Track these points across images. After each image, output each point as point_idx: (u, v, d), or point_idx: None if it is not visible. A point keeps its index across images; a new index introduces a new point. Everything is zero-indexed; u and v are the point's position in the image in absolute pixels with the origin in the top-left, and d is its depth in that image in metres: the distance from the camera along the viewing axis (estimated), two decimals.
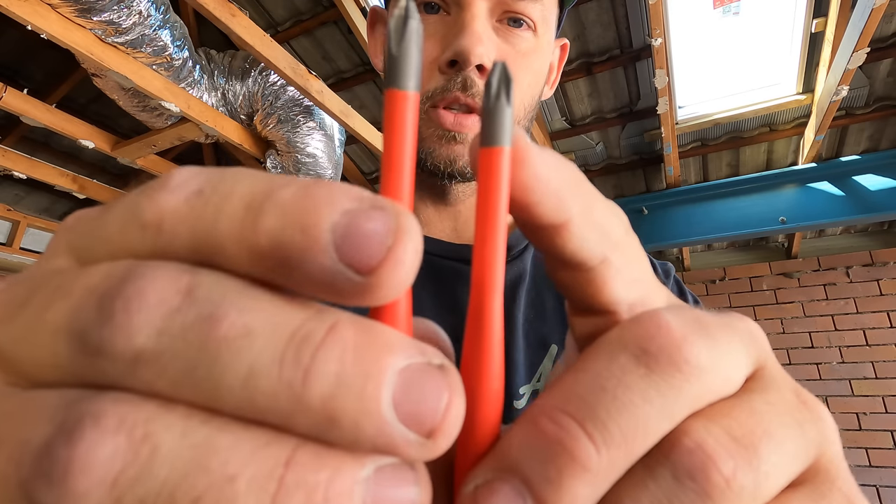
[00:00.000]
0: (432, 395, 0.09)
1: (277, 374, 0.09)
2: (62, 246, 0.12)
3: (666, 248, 2.92)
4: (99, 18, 1.51)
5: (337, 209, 0.09)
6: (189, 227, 0.10)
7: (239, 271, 0.10)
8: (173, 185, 0.10)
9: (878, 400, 2.91)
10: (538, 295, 0.46)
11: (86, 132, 2.17)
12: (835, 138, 2.59)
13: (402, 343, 0.10)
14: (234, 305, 0.09)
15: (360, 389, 0.09)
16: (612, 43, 2.26)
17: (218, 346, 0.09)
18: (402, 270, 0.10)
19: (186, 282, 0.09)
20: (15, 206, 2.95)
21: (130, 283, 0.09)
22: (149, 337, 0.09)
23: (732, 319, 0.13)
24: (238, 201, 0.10)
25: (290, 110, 2.24)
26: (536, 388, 0.39)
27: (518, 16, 0.42)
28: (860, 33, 1.69)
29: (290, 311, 0.10)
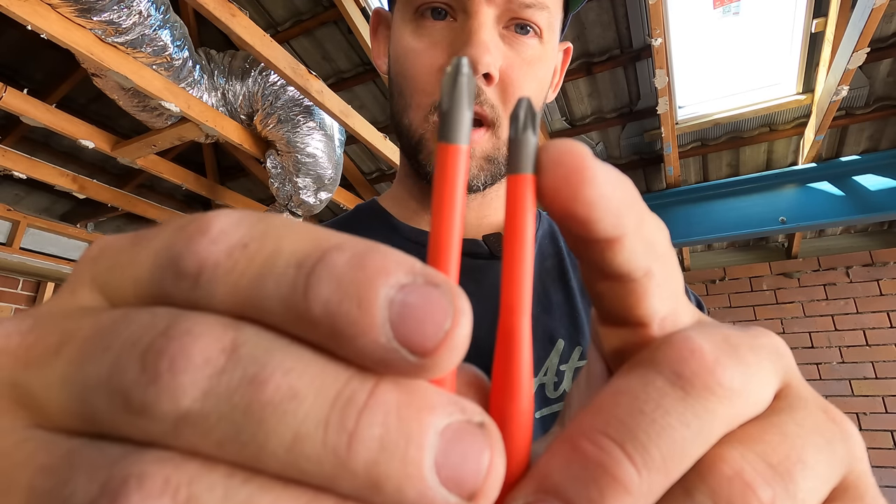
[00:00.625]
0: (473, 457, 0.10)
1: (322, 438, 0.09)
2: (87, 279, 0.12)
3: None
4: (99, 18, 1.51)
5: (393, 283, 0.09)
6: (232, 283, 0.10)
7: (282, 330, 0.10)
8: (215, 232, 0.10)
9: (878, 400, 2.91)
10: (544, 290, 0.46)
11: (86, 132, 2.17)
12: (835, 138, 2.59)
13: (442, 401, 0.10)
14: (279, 366, 0.09)
15: (403, 454, 0.09)
16: (612, 43, 2.26)
17: (263, 410, 0.09)
18: (457, 353, 0.10)
19: (231, 339, 0.09)
20: (15, 206, 2.95)
21: (175, 340, 0.09)
22: (194, 399, 0.09)
23: (758, 336, 0.13)
24: (287, 261, 0.10)
25: (290, 110, 2.24)
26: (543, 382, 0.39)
27: (525, 22, 0.42)
28: (860, 33, 1.69)
29: (333, 370, 0.09)
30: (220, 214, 0.11)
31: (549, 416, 0.38)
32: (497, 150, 0.43)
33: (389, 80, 0.48)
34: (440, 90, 0.12)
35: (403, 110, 0.44)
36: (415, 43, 0.42)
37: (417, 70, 0.42)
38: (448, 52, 0.41)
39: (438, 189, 0.12)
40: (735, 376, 0.11)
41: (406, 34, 0.43)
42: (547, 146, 0.12)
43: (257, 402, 0.09)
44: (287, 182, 2.43)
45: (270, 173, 2.42)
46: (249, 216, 0.11)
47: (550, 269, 0.48)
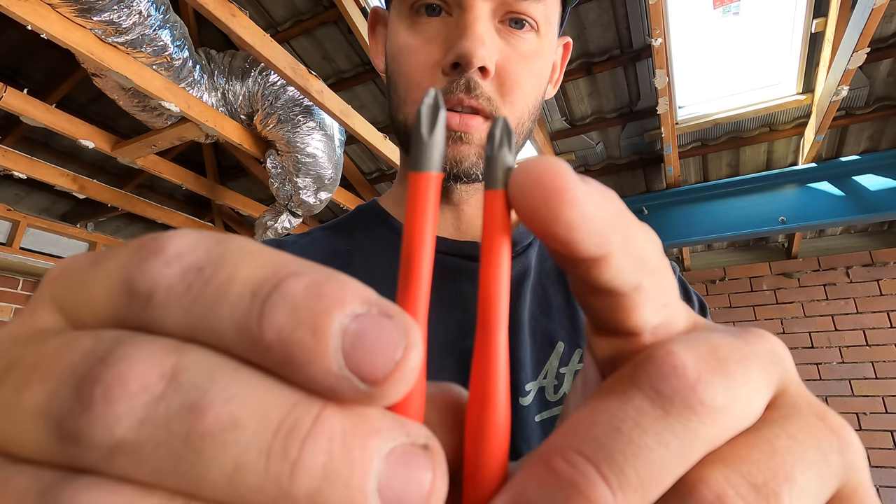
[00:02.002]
0: (416, 478, 0.10)
1: (264, 467, 0.09)
2: (46, 297, 0.12)
3: (666, 248, 2.92)
4: (99, 18, 1.51)
5: (348, 312, 0.09)
6: (184, 306, 0.10)
7: (233, 355, 0.10)
8: (170, 254, 0.10)
9: (878, 400, 2.91)
10: (544, 291, 0.46)
11: (86, 132, 2.17)
12: (835, 138, 2.59)
13: (387, 425, 0.10)
14: (220, 393, 0.09)
15: (346, 481, 0.09)
16: (612, 43, 2.26)
17: (202, 440, 0.09)
18: (406, 384, 0.10)
19: (171, 365, 0.09)
20: (15, 206, 2.95)
21: (112, 367, 0.09)
22: (129, 428, 0.09)
23: (752, 343, 0.13)
24: (243, 287, 0.09)
25: (290, 110, 2.24)
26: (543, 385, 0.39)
27: (520, 16, 0.41)
28: (860, 33, 1.69)
29: (279, 396, 0.09)
30: (177, 235, 0.10)
31: (549, 420, 0.38)
32: None
33: (387, 77, 0.47)
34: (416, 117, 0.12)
35: (399, 106, 0.44)
36: (410, 40, 0.42)
37: (413, 66, 0.41)
38: (443, 48, 0.41)
39: (411, 212, 0.12)
40: (719, 393, 0.11)
41: (401, 31, 0.43)
42: (525, 165, 0.12)
43: (196, 431, 0.09)
44: (287, 182, 2.43)
45: (270, 173, 2.42)
46: (208, 238, 0.10)
47: (550, 271, 0.48)
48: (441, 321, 0.40)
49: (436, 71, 0.41)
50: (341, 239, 0.49)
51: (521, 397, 0.38)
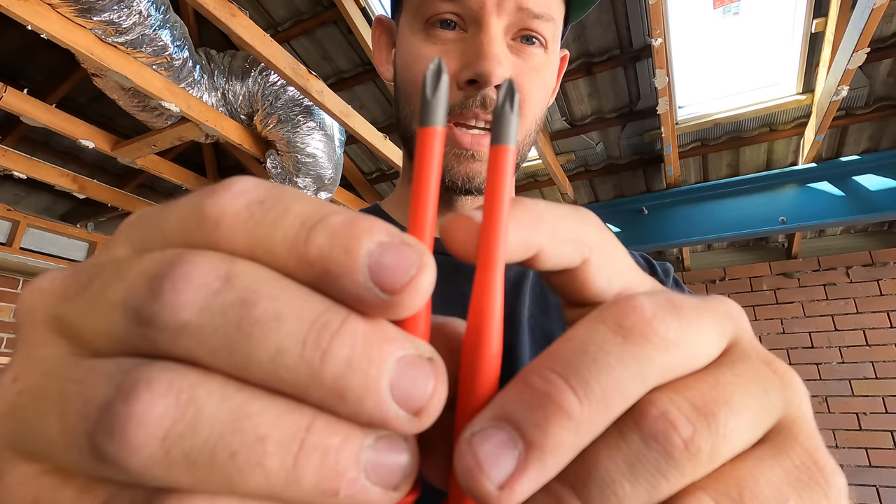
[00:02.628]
0: (421, 383, 0.11)
1: (300, 353, 0.11)
2: (122, 238, 0.14)
3: (666, 248, 2.91)
4: (99, 18, 1.51)
5: (375, 240, 0.12)
6: (247, 230, 0.12)
7: (282, 271, 0.12)
8: (236, 190, 0.12)
9: (878, 400, 2.91)
10: (542, 291, 0.47)
11: (86, 132, 2.17)
12: (835, 138, 2.59)
13: (400, 337, 0.12)
14: (266, 293, 0.11)
15: (365, 372, 0.11)
16: (612, 43, 2.26)
17: (251, 326, 0.10)
18: (419, 295, 0.12)
19: (226, 269, 0.11)
20: (15, 206, 2.95)
21: (178, 267, 0.11)
22: (192, 313, 0.10)
23: (709, 302, 0.15)
24: (295, 217, 0.12)
25: (290, 110, 2.24)
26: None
27: (532, 34, 0.44)
28: (860, 33, 1.69)
29: (313, 301, 0.11)
30: (242, 178, 0.13)
31: None
32: None
33: (396, 87, 0.48)
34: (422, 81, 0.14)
35: (412, 115, 0.45)
36: (426, 50, 0.43)
37: None
38: (459, 61, 0.42)
39: (419, 165, 0.14)
40: (671, 328, 0.13)
41: (416, 42, 0.44)
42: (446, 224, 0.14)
43: (246, 319, 0.10)
44: (287, 182, 2.43)
45: (270, 173, 2.42)
46: (266, 182, 0.13)
47: None
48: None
49: (451, 82, 0.42)
50: None
51: None
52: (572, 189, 3.10)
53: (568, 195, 3.07)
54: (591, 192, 3.20)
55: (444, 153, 0.43)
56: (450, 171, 0.44)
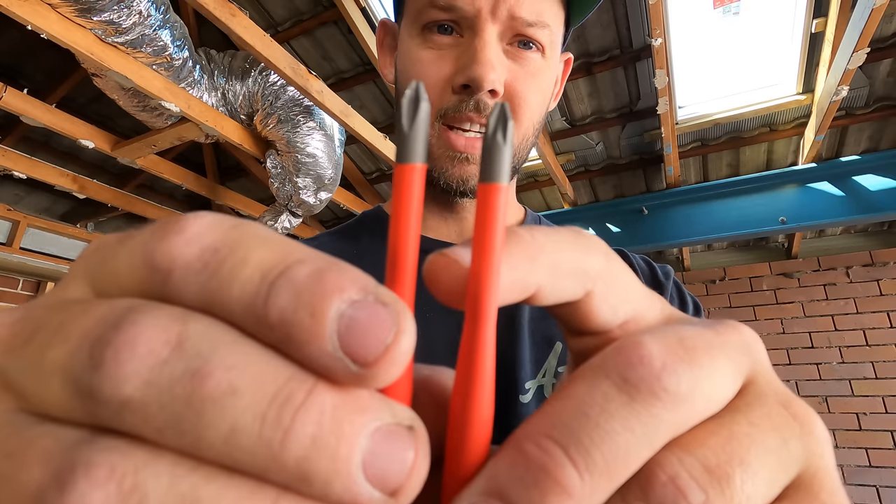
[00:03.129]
0: (399, 457, 0.10)
1: (258, 432, 0.09)
2: (79, 273, 0.13)
3: (666, 248, 2.91)
4: (99, 18, 1.51)
5: (345, 298, 0.10)
6: (200, 283, 0.10)
7: (240, 329, 0.10)
8: (190, 234, 0.11)
9: (878, 400, 2.91)
10: None
11: (86, 132, 2.17)
12: (835, 138, 2.59)
13: (375, 405, 0.10)
14: (221, 362, 0.10)
15: (333, 452, 0.09)
16: (612, 43, 2.26)
17: (203, 403, 0.09)
18: (396, 368, 0.10)
19: (177, 332, 0.10)
20: (15, 206, 2.95)
21: (122, 332, 0.10)
22: (136, 387, 0.09)
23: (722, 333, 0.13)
24: (253, 270, 0.10)
25: (290, 110, 2.24)
26: (542, 384, 0.41)
27: (527, 39, 0.44)
28: (860, 33, 1.69)
29: (275, 370, 0.10)
30: (198, 217, 0.11)
31: None
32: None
33: (396, 90, 0.49)
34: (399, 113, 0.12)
35: None
36: (422, 54, 0.44)
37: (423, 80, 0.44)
38: (454, 65, 0.43)
39: (397, 205, 0.12)
40: (683, 381, 0.12)
41: (413, 47, 0.45)
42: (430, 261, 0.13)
43: (197, 395, 0.09)
44: (287, 182, 2.43)
45: (270, 173, 2.42)
46: (225, 222, 0.11)
47: None
48: (443, 323, 0.41)
49: (446, 86, 0.43)
50: (348, 243, 0.51)
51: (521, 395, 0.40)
52: (572, 189, 3.10)
53: (568, 195, 3.07)
54: (591, 192, 3.20)
55: (439, 156, 0.44)
56: (444, 173, 0.44)
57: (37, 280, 3.16)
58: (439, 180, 0.45)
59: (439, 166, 0.44)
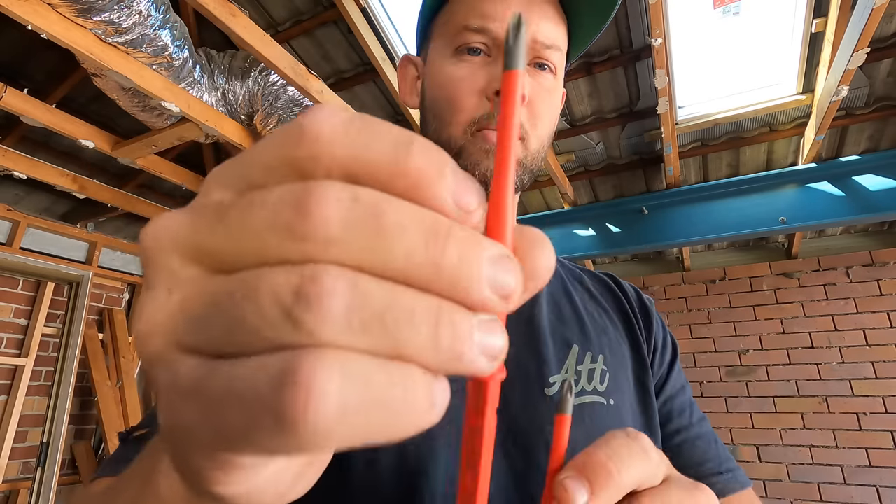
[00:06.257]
0: (509, 275, 0.14)
1: (424, 252, 0.13)
2: (215, 185, 0.15)
3: (666, 248, 2.92)
4: (99, 18, 1.51)
5: (451, 166, 0.14)
6: (349, 142, 0.13)
7: (379, 187, 0.14)
8: (327, 111, 0.14)
9: (878, 400, 2.91)
10: (556, 303, 0.55)
11: (86, 132, 2.17)
12: (835, 138, 2.59)
13: (487, 241, 0.14)
14: (389, 207, 0.13)
15: (468, 267, 0.13)
16: (612, 43, 2.26)
17: (384, 233, 0.13)
18: (482, 218, 0.15)
19: (351, 191, 0.13)
20: (15, 206, 2.95)
21: (314, 193, 0.13)
22: (338, 227, 0.12)
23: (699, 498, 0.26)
24: (391, 136, 0.14)
25: (291, 110, 2.24)
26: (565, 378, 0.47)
27: (543, 61, 0.51)
28: (860, 33, 1.69)
29: (422, 211, 0.13)
30: (323, 105, 0.14)
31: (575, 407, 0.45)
32: (525, 157, 0.51)
33: (424, 108, 0.55)
34: (506, 38, 0.16)
35: (442, 128, 0.51)
36: (457, 71, 0.50)
37: (461, 92, 0.49)
38: (487, 79, 0.49)
39: (506, 104, 0.16)
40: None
41: (447, 65, 0.51)
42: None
43: (381, 227, 0.13)
44: None
45: None
46: (349, 110, 0.15)
47: (557, 288, 0.56)
48: None
49: (480, 97, 0.49)
50: None
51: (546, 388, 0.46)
52: (572, 189, 3.10)
53: (568, 195, 3.07)
54: (591, 192, 3.20)
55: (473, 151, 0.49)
56: (478, 165, 0.49)
57: (37, 280, 3.16)
58: (473, 173, 0.48)
59: (473, 161, 0.49)
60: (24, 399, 2.92)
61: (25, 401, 2.94)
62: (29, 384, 2.96)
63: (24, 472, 2.91)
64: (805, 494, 2.92)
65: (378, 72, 2.22)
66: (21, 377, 2.93)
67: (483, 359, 0.13)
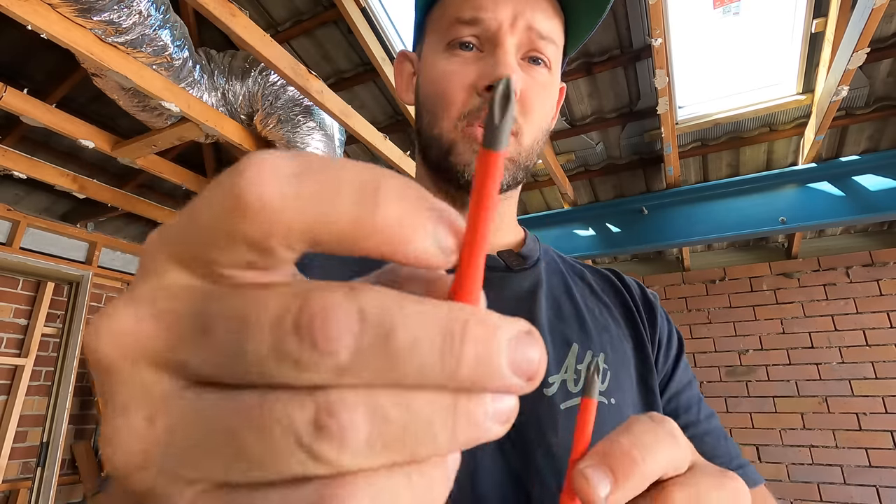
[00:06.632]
0: (531, 355, 0.13)
1: (440, 363, 0.12)
2: (162, 257, 0.13)
3: (666, 247, 2.91)
4: (99, 18, 1.51)
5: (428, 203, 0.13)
6: (299, 207, 0.12)
7: (342, 248, 0.12)
8: (266, 165, 0.12)
9: (878, 400, 2.91)
10: (555, 300, 0.53)
11: (86, 132, 2.17)
12: (835, 138, 2.59)
13: (504, 321, 0.13)
14: (399, 320, 0.12)
15: (488, 362, 0.12)
16: (612, 43, 2.26)
17: (395, 354, 0.12)
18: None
19: (357, 307, 0.12)
20: (15, 206, 2.95)
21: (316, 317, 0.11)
22: (346, 355, 0.11)
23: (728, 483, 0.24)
24: (351, 185, 0.12)
25: (290, 110, 2.24)
26: (564, 378, 0.46)
27: (537, 55, 0.50)
28: (860, 33, 1.69)
29: (433, 316, 0.12)
30: (262, 154, 0.12)
31: (573, 408, 0.44)
32: (519, 154, 0.50)
33: (418, 103, 0.55)
34: (490, 108, 0.13)
35: (434, 123, 0.51)
36: (449, 66, 0.50)
37: (452, 86, 0.49)
38: (478, 73, 0.48)
39: (481, 186, 0.14)
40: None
41: (440, 60, 0.50)
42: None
43: (391, 350, 0.12)
44: None
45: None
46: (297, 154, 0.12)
47: (557, 285, 0.55)
48: None
49: (471, 90, 0.48)
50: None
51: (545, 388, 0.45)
52: (572, 189, 3.10)
53: (568, 195, 3.07)
54: (591, 192, 3.20)
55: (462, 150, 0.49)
56: (469, 165, 0.49)
57: (37, 280, 3.16)
58: (464, 173, 0.49)
59: (463, 160, 0.49)
60: (24, 399, 2.92)
61: (25, 401, 2.94)
62: (29, 384, 2.96)
63: (23, 472, 2.91)
64: (805, 494, 2.92)
65: (378, 72, 2.22)
66: (21, 377, 2.93)
67: (496, 427, 0.13)
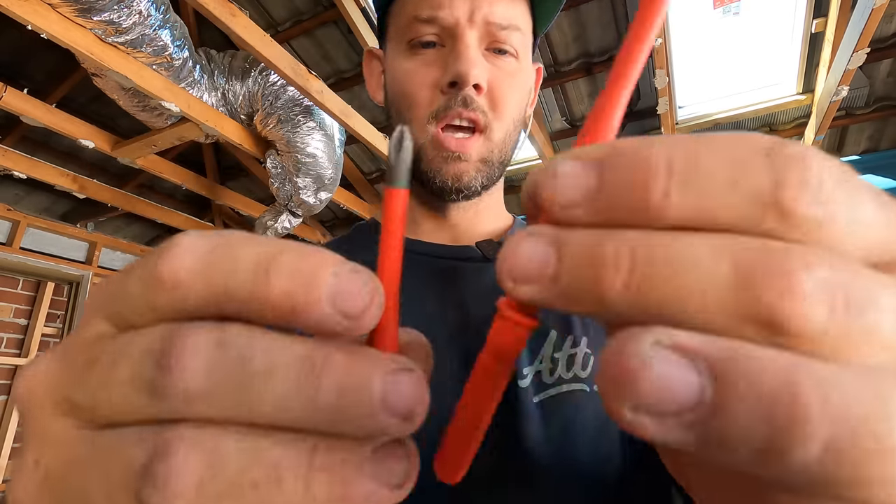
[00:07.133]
0: (408, 393, 0.12)
1: (297, 393, 0.12)
2: (94, 311, 0.14)
3: None
4: (99, 18, 1.51)
5: (329, 271, 0.12)
6: (205, 282, 0.12)
7: (248, 318, 0.13)
8: (183, 247, 0.13)
9: None
10: None
11: (86, 132, 2.17)
12: (835, 138, 2.59)
13: (377, 356, 0.13)
14: (256, 349, 0.12)
15: (355, 396, 0.12)
16: (612, 43, 2.26)
17: (252, 381, 0.12)
18: (377, 315, 0.13)
19: (216, 336, 0.12)
20: (15, 206, 2.95)
21: (178, 343, 0.12)
22: (199, 380, 0.12)
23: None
24: (248, 262, 0.12)
25: (290, 110, 2.24)
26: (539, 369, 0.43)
27: (501, 46, 0.48)
28: (860, 33, 1.69)
29: (292, 344, 0.12)
30: (184, 235, 0.13)
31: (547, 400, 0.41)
32: (491, 153, 0.48)
33: (387, 104, 0.53)
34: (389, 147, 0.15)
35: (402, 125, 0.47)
36: (410, 65, 0.48)
37: (415, 86, 0.47)
38: (440, 69, 0.47)
39: (388, 223, 0.14)
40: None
41: (401, 61, 0.49)
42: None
43: (246, 376, 0.12)
44: (287, 182, 2.43)
45: (270, 173, 2.42)
46: (207, 232, 0.13)
47: None
48: (442, 319, 0.43)
49: (434, 90, 0.47)
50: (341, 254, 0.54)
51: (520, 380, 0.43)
52: None
53: None
54: None
55: (432, 157, 0.47)
56: (438, 172, 0.47)
57: (37, 280, 3.16)
58: (434, 180, 0.47)
59: (434, 167, 0.47)
60: None
61: None
62: None
63: None
64: None
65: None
66: None
67: (381, 490, 0.12)
